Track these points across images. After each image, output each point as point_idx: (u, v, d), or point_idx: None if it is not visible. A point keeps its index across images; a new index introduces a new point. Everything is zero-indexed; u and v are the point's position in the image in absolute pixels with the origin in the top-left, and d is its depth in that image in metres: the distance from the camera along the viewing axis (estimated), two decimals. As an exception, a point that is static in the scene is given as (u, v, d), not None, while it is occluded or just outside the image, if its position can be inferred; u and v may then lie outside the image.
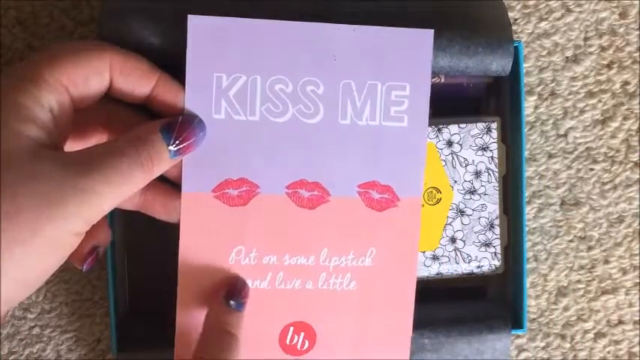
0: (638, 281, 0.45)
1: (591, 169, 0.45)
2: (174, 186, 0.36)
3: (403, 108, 0.36)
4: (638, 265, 0.45)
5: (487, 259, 0.41)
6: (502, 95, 0.41)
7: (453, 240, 0.40)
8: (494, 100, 0.42)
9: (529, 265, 0.45)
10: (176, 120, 0.33)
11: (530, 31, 0.44)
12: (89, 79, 0.31)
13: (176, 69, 0.34)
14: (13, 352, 0.43)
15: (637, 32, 0.44)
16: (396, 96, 0.36)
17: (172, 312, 0.36)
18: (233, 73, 0.35)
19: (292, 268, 0.37)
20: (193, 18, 0.34)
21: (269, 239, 0.36)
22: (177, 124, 0.33)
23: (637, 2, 0.44)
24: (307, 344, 0.38)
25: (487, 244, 0.41)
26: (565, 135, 0.45)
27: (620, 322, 0.45)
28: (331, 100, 0.36)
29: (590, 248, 0.45)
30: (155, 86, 0.33)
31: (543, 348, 0.45)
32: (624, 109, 0.45)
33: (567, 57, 0.44)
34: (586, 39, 0.44)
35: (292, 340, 0.37)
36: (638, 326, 0.45)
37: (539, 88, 0.44)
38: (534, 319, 0.45)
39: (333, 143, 0.36)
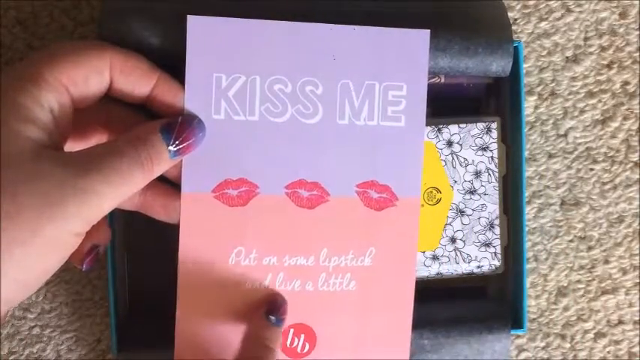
0: (638, 281, 0.45)
1: (591, 169, 0.45)
2: (173, 186, 0.36)
3: (400, 108, 0.36)
4: (638, 265, 0.45)
5: (487, 259, 0.41)
6: (502, 95, 0.41)
7: (453, 240, 0.40)
8: (494, 100, 0.42)
9: (529, 265, 0.45)
10: (176, 120, 0.33)
11: (530, 31, 0.44)
12: (89, 79, 0.31)
13: (176, 69, 0.34)
14: (13, 352, 0.43)
15: (637, 32, 0.44)
16: (393, 96, 0.36)
17: (172, 312, 0.36)
18: (232, 74, 0.35)
19: (292, 269, 0.37)
20: (193, 18, 0.34)
21: (269, 239, 0.36)
22: (177, 125, 0.33)
23: (637, 2, 0.44)
24: (307, 347, 0.38)
25: (487, 244, 0.41)
26: (565, 135, 0.45)
27: (620, 322, 0.45)
28: (330, 101, 0.36)
29: (590, 248, 0.45)
30: (155, 86, 0.33)
31: (543, 348, 0.45)
32: (624, 109, 0.45)
33: (567, 57, 0.44)
34: (586, 39, 0.44)
35: (293, 343, 0.37)
36: (638, 326, 0.45)
37: (539, 88, 0.44)
38: (534, 319, 0.45)
39: (332, 143, 0.36)
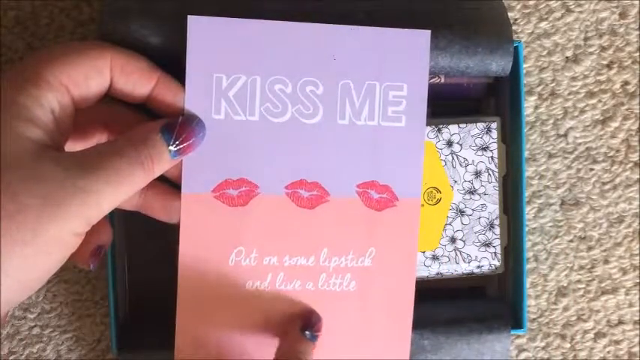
0: (638, 281, 0.45)
1: (591, 169, 0.45)
2: (174, 186, 0.36)
3: (401, 108, 0.36)
4: (638, 265, 0.45)
5: (487, 259, 0.41)
6: (502, 95, 0.41)
7: (453, 240, 0.40)
8: (494, 100, 0.42)
9: (529, 265, 0.45)
10: (176, 120, 0.33)
11: (530, 31, 0.44)
12: (90, 79, 0.31)
13: (176, 69, 0.34)
14: (13, 352, 0.43)
15: (637, 32, 0.44)
16: (394, 96, 0.36)
17: (172, 312, 0.36)
18: (233, 74, 0.35)
19: (292, 269, 0.37)
20: (193, 18, 0.34)
21: (269, 240, 0.36)
22: (177, 125, 0.33)
23: (637, 2, 0.44)
24: None
25: (487, 244, 0.41)
26: (565, 135, 0.45)
27: (620, 322, 0.45)
28: (330, 101, 0.36)
29: (590, 248, 0.45)
30: (155, 86, 0.33)
31: (543, 348, 0.45)
32: (624, 109, 0.45)
33: (567, 57, 0.44)
34: (586, 39, 0.44)
35: None
36: (638, 326, 0.45)
37: (539, 88, 0.44)
38: (534, 319, 0.45)
39: (332, 143, 0.36)
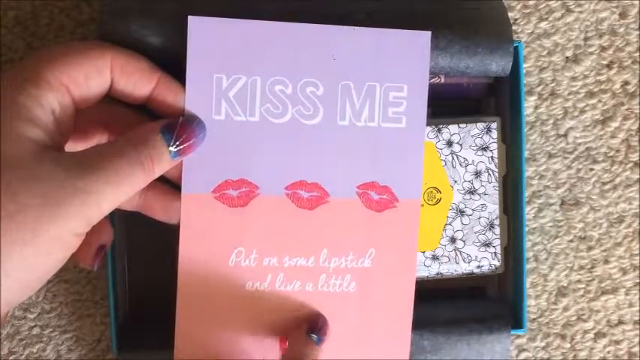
0: (638, 281, 0.45)
1: (591, 169, 0.45)
2: (174, 187, 0.36)
3: (401, 109, 0.36)
4: (638, 265, 0.45)
5: (487, 259, 0.41)
6: (502, 95, 0.41)
7: (453, 240, 0.40)
8: (494, 100, 0.42)
9: (529, 265, 0.45)
10: (176, 121, 0.33)
11: (530, 31, 0.44)
12: (90, 79, 0.31)
13: (176, 69, 0.34)
14: (13, 352, 0.43)
15: (637, 32, 0.44)
16: (394, 97, 0.36)
17: (172, 312, 0.36)
18: (233, 74, 0.35)
19: (292, 270, 0.37)
20: (193, 19, 0.34)
21: (269, 240, 0.36)
22: (177, 125, 0.33)
23: (637, 2, 0.44)
24: None
25: (487, 244, 0.41)
26: (565, 135, 0.45)
27: (620, 322, 0.45)
28: (330, 102, 0.36)
29: (590, 248, 0.45)
30: (155, 86, 0.33)
31: (543, 348, 0.45)
32: (624, 109, 0.45)
33: (567, 57, 0.44)
34: (586, 39, 0.44)
35: None
36: (638, 326, 0.45)
37: (539, 88, 0.44)
38: (534, 319, 0.45)
39: (333, 144, 0.36)
